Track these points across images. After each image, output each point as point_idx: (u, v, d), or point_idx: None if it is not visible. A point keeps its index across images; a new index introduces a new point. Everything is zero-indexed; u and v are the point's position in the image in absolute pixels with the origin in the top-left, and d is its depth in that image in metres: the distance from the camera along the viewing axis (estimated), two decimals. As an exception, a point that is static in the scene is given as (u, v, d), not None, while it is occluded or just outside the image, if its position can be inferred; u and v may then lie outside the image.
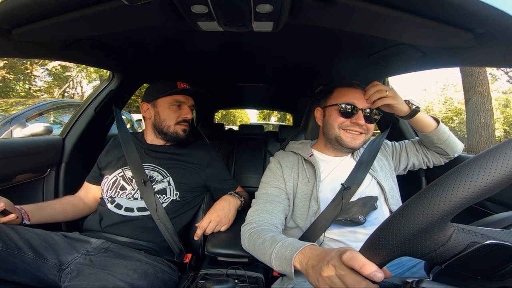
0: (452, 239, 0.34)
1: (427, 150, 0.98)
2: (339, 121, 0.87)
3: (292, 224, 0.86)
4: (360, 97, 0.87)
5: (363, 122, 0.85)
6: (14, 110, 2.49)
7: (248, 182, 1.93)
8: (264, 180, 0.93)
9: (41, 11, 0.58)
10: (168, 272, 0.87)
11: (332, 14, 0.59)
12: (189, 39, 0.94)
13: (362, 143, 0.89)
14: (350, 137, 0.86)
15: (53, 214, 0.94)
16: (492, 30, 0.53)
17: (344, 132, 0.87)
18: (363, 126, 0.86)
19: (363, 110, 0.85)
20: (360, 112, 0.85)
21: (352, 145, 0.86)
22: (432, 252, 0.35)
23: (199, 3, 0.53)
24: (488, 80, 5.39)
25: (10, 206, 0.80)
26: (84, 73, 11.07)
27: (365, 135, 0.88)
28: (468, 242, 0.34)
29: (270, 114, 22.30)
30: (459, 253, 0.34)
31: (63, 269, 0.77)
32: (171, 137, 1.06)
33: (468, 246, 0.34)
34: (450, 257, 0.35)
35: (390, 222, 0.36)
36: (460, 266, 0.36)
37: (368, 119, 0.86)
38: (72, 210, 1.00)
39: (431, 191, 0.33)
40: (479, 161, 0.31)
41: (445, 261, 0.35)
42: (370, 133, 0.89)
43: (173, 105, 1.05)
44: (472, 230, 0.35)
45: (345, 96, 0.88)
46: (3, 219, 0.77)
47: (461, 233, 0.34)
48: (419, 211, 0.33)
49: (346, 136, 0.87)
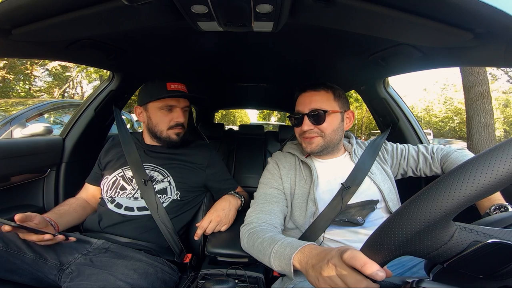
0: (454, 238, 0.34)
1: (431, 166, 0.93)
2: (297, 132, 0.90)
3: (291, 225, 0.86)
4: (305, 100, 0.86)
5: (308, 127, 0.84)
6: (14, 110, 2.49)
7: (248, 182, 1.93)
8: (263, 181, 0.94)
9: (41, 11, 0.58)
10: (168, 272, 0.87)
11: (332, 14, 0.59)
12: (189, 39, 0.94)
13: (322, 145, 0.86)
14: (307, 143, 0.87)
15: (71, 221, 0.94)
16: (492, 30, 0.53)
17: (303, 139, 0.89)
18: (313, 130, 0.85)
19: (307, 114, 0.85)
20: (305, 118, 0.85)
21: (310, 149, 0.87)
22: (434, 251, 0.35)
23: (199, 3, 0.53)
24: (488, 80, 5.39)
25: (44, 223, 0.77)
26: (84, 73, 11.08)
27: (321, 138, 0.86)
28: (470, 241, 0.34)
29: (270, 114, 22.31)
30: (461, 252, 0.34)
31: (63, 270, 0.77)
32: (165, 141, 1.04)
33: (470, 245, 0.34)
34: (452, 256, 0.35)
35: (392, 221, 0.36)
36: (462, 265, 0.35)
37: (316, 121, 0.84)
38: (84, 214, 1.00)
39: (433, 189, 0.33)
40: (482, 159, 0.31)
41: (447, 260, 0.35)
42: (328, 132, 0.85)
43: (164, 109, 1.01)
44: (474, 229, 0.34)
45: (297, 105, 0.90)
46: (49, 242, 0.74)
47: (463, 232, 0.34)
48: (421, 210, 0.33)
49: (304, 143, 0.89)
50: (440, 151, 0.94)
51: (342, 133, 0.91)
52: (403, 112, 1.28)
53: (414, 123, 1.26)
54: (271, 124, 11.84)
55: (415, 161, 0.96)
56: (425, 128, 16.68)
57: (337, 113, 0.86)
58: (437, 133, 16.99)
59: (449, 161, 0.88)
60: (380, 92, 1.30)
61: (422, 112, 19.76)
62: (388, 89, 1.31)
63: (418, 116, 18.87)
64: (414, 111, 19.05)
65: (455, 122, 15.65)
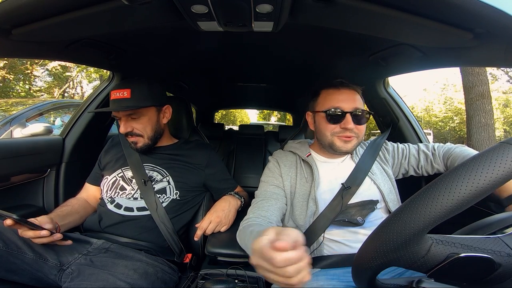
0: (431, 252, 0.35)
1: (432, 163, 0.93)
2: (330, 129, 0.86)
3: (292, 224, 0.86)
4: (346, 98, 0.85)
5: (352, 126, 0.83)
6: (14, 110, 2.49)
7: (248, 182, 1.93)
8: (263, 179, 0.94)
9: (41, 11, 0.58)
10: (168, 272, 0.87)
11: (332, 14, 0.59)
12: (189, 39, 0.94)
13: (355, 145, 0.87)
14: (343, 142, 0.86)
15: (73, 222, 0.94)
16: (492, 30, 0.53)
17: (337, 138, 0.86)
18: (353, 129, 0.84)
19: (351, 113, 0.83)
20: (348, 116, 0.83)
21: (345, 149, 0.86)
22: (414, 264, 0.36)
23: (199, 3, 0.53)
24: (488, 80, 5.40)
25: (45, 220, 0.77)
26: (84, 73, 11.07)
27: (356, 138, 0.86)
28: (447, 253, 0.35)
29: (270, 114, 22.30)
30: (439, 264, 0.35)
31: (63, 270, 0.77)
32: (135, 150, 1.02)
33: (448, 257, 0.35)
34: (431, 268, 0.36)
35: (373, 237, 0.38)
36: (443, 275, 0.37)
37: (357, 121, 0.84)
38: (84, 214, 1.00)
39: (403, 210, 0.35)
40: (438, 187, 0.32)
41: (428, 270, 0.37)
42: (362, 134, 0.87)
43: (115, 120, 0.98)
44: (451, 241, 0.36)
45: (331, 100, 0.86)
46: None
47: (439, 245, 0.36)
48: (394, 228, 0.35)
49: (339, 142, 0.86)
50: (441, 148, 0.94)
51: None
52: (403, 112, 1.28)
53: (414, 123, 1.26)
54: (271, 124, 11.83)
55: (416, 159, 0.96)
56: (425, 128, 16.67)
57: (367, 115, 0.87)
58: (437, 133, 17.00)
59: (453, 155, 0.87)
60: (380, 92, 1.30)
61: (422, 112, 19.76)
62: (388, 89, 1.30)
63: (418, 116, 18.87)
64: (414, 111, 19.05)
65: (455, 122, 15.65)
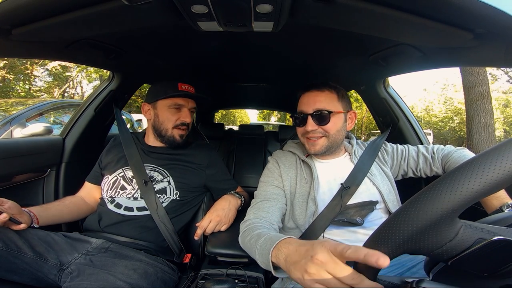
0: (460, 235, 0.34)
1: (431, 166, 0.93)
2: (299, 131, 0.89)
3: (292, 224, 0.86)
4: (308, 100, 0.85)
5: (314, 127, 0.83)
6: (14, 110, 2.49)
7: (248, 182, 1.93)
8: (263, 179, 0.94)
9: (41, 11, 0.58)
10: (168, 272, 0.87)
11: (332, 14, 0.59)
12: (189, 39, 0.94)
13: (327, 145, 0.86)
14: (310, 144, 0.86)
15: (59, 216, 0.94)
16: (492, 30, 0.53)
17: (306, 140, 0.88)
18: (317, 130, 0.84)
19: (311, 115, 0.83)
20: (309, 118, 0.84)
21: (314, 150, 0.86)
22: (439, 249, 0.34)
23: (199, 3, 0.53)
24: (488, 80, 5.40)
25: (17, 209, 0.78)
26: (84, 73, 11.08)
27: (326, 138, 0.85)
28: (475, 238, 0.33)
29: (270, 114, 22.31)
30: (466, 249, 0.34)
31: (63, 269, 0.77)
32: (168, 140, 1.05)
33: (475, 243, 0.33)
34: (457, 254, 0.34)
35: (397, 216, 0.35)
36: (466, 263, 0.35)
37: (320, 121, 0.83)
38: (76, 211, 1.00)
39: (440, 185, 0.32)
40: (490, 155, 0.30)
41: (451, 257, 0.35)
42: (333, 133, 0.85)
43: (172, 108, 1.03)
44: (479, 226, 0.34)
45: (299, 104, 0.88)
46: (13, 227, 0.76)
47: (468, 229, 0.34)
48: (428, 205, 0.32)
49: (307, 144, 0.88)
50: (440, 151, 0.94)
51: (345, 133, 0.91)
52: (403, 112, 1.28)
53: (414, 123, 1.26)
54: (271, 124, 11.85)
55: (415, 161, 0.96)
56: (425, 128, 16.68)
57: (340, 114, 0.86)
58: (437, 133, 17.01)
59: (451, 160, 0.88)
60: (380, 92, 1.30)
61: (422, 112, 19.78)
62: (388, 89, 1.30)
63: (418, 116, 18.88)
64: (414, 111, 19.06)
65: (455, 122, 15.66)
